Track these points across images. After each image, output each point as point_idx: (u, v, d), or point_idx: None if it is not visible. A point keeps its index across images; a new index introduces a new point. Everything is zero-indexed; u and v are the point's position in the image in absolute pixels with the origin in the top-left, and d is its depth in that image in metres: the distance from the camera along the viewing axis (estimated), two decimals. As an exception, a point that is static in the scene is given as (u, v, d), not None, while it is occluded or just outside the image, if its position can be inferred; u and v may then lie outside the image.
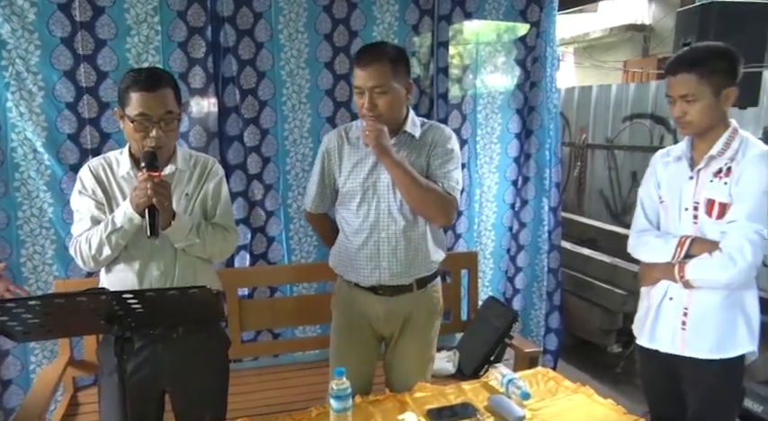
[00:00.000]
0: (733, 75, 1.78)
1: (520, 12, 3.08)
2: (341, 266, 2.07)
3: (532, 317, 3.40)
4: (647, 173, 2.04)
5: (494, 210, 3.22)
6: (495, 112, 3.15)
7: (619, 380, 3.66)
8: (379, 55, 1.85)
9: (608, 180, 5.30)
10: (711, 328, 1.82)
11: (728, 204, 1.77)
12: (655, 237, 1.94)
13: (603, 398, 1.96)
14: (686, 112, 1.79)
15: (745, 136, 1.83)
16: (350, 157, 1.97)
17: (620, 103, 5.26)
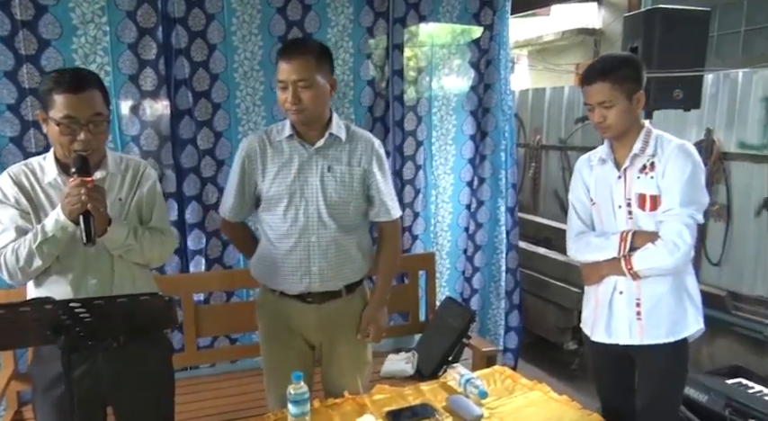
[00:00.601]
0: (640, 80, 1.93)
1: (473, 15, 3.12)
2: (265, 275, 1.99)
3: (490, 317, 3.45)
4: (574, 178, 2.15)
5: (450, 210, 3.25)
6: (450, 114, 3.18)
7: (575, 376, 3.74)
8: (304, 49, 1.82)
9: (562, 180, 5.40)
10: (665, 314, 1.94)
11: (658, 196, 1.89)
12: (594, 237, 2.04)
13: (559, 395, 2.00)
14: (605, 117, 1.90)
15: (659, 133, 1.97)
16: (274, 161, 1.90)
17: (572, 105, 5.37)
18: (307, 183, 1.88)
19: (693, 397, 2.68)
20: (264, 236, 1.97)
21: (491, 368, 2.24)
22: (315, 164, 1.89)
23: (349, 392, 1.95)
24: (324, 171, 1.89)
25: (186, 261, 2.71)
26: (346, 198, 1.93)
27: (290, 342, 2.00)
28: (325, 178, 1.89)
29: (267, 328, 2.05)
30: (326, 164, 1.90)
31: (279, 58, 1.82)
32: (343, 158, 1.92)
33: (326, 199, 1.89)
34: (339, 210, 1.92)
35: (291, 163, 1.89)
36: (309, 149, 1.89)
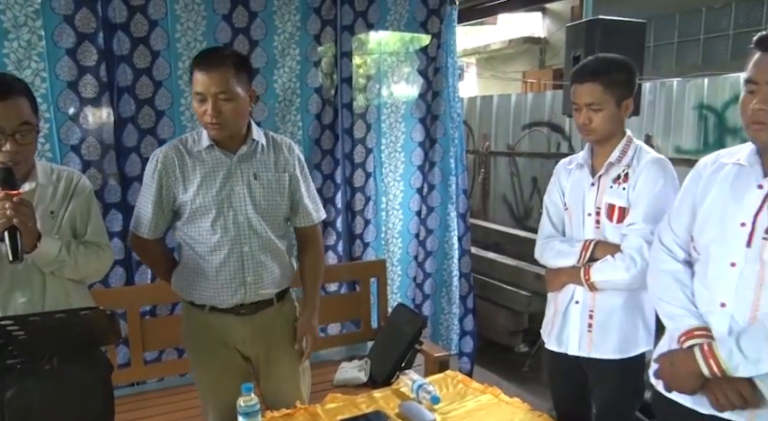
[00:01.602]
0: (631, 86, 1.88)
1: (421, 23, 3.15)
2: (193, 291, 1.90)
3: (442, 322, 3.47)
4: (552, 181, 2.11)
5: (400, 217, 3.27)
6: (399, 122, 3.20)
7: (526, 378, 3.80)
8: (222, 59, 1.75)
9: (510, 185, 5.51)
10: (615, 330, 1.90)
11: (627, 208, 1.85)
12: (560, 243, 2.00)
13: (510, 397, 2.02)
14: (591, 120, 1.85)
15: (639, 144, 1.92)
16: (196, 171, 1.82)
17: (519, 112, 5.49)
18: (233, 193, 1.83)
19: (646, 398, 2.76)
20: (189, 250, 1.88)
21: (443, 373, 2.25)
22: (240, 172, 1.84)
23: (293, 402, 1.92)
24: (250, 179, 1.85)
25: (131, 272, 2.63)
26: (275, 204, 1.89)
27: (226, 357, 1.93)
28: (252, 186, 1.85)
29: (198, 347, 1.95)
30: (252, 171, 1.85)
31: (194, 68, 1.75)
32: (268, 165, 1.89)
33: (256, 206, 1.85)
34: (269, 217, 1.88)
35: (215, 173, 1.82)
36: (233, 158, 1.84)
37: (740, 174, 1.41)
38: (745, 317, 1.34)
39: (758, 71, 1.31)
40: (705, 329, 1.39)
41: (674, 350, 1.44)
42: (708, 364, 1.33)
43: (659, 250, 1.56)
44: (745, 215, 1.35)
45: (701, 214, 1.47)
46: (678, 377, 1.39)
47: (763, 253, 1.32)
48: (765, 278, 1.32)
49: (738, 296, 1.35)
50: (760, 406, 1.31)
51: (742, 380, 1.31)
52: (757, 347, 1.28)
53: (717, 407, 1.35)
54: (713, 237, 1.42)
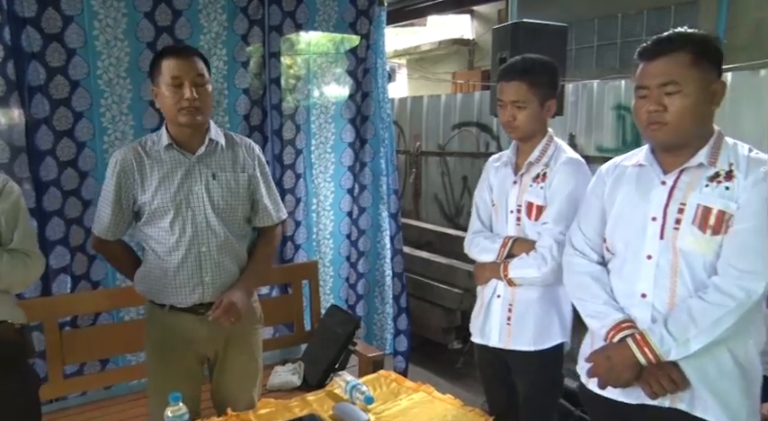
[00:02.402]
0: (555, 87, 1.97)
1: (350, 24, 3.15)
2: (154, 290, 1.91)
3: (376, 322, 3.48)
4: (481, 178, 2.18)
5: (331, 218, 3.25)
6: (328, 122, 3.19)
7: (461, 374, 3.87)
8: (191, 50, 1.84)
9: (441, 185, 5.60)
10: (531, 323, 1.98)
11: (544, 207, 1.93)
12: (484, 239, 2.07)
13: (443, 394, 2.05)
14: (515, 117, 1.92)
15: (560, 143, 2.00)
16: (154, 172, 1.84)
17: (449, 112, 5.58)
18: (192, 193, 1.84)
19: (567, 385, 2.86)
20: (150, 250, 1.90)
21: (377, 373, 2.26)
22: (198, 172, 1.86)
23: (244, 404, 1.93)
24: (209, 179, 1.86)
25: (48, 281, 2.50)
26: (234, 204, 1.91)
27: (179, 359, 1.93)
28: (211, 186, 1.86)
29: (155, 345, 1.97)
30: (210, 171, 1.87)
31: (164, 58, 1.79)
32: (226, 165, 1.90)
33: (214, 207, 1.86)
34: (228, 217, 1.89)
35: (174, 173, 1.84)
36: (191, 158, 1.85)
37: (642, 174, 1.52)
38: (665, 304, 1.43)
39: (646, 78, 1.42)
40: (630, 321, 1.47)
41: (606, 345, 1.48)
42: (643, 353, 1.40)
43: (573, 254, 1.64)
44: (655, 210, 1.45)
45: (612, 216, 1.56)
46: (615, 370, 1.43)
47: (676, 242, 1.41)
48: (679, 266, 1.42)
49: (657, 286, 1.44)
50: (685, 388, 1.40)
51: (671, 365, 1.39)
52: (684, 329, 1.36)
53: (651, 395, 1.41)
54: (628, 234, 1.51)
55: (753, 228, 1.35)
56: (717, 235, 1.38)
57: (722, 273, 1.37)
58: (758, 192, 1.36)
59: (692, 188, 1.42)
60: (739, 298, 1.33)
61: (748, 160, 1.40)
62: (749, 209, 1.36)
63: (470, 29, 10.45)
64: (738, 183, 1.38)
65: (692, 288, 1.40)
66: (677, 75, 1.37)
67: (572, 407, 2.76)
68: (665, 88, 1.38)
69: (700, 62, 1.37)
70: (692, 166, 1.43)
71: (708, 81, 1.39)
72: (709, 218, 1.38)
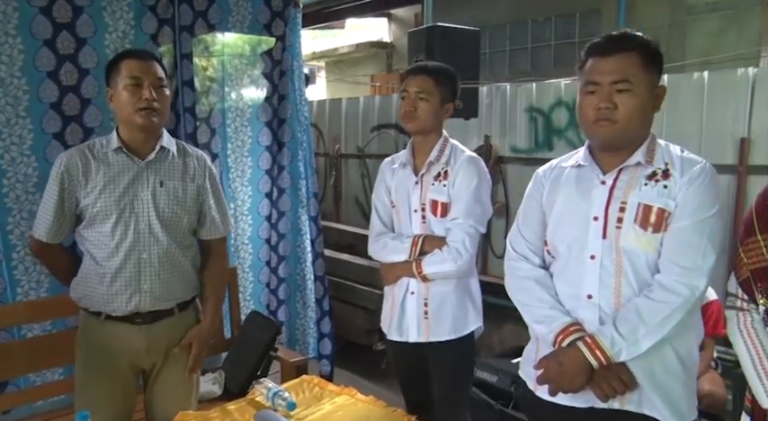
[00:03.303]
0: (454, 94, 2.09)
1: (264, 26, 3.10)
2: (88, 297, 1.86)
3: (299, 326, 3.44)
4: (377, 180, 2.24)
5: (249, 223, 3.19)
6: (244, 126, 3.12)
7: (385, 374, 3.87)
8: (152, 54, 1.89)
9: (362, 187, 5.61)
10: (448, 313, 2.07)
11: (448, 204, 2.02)
12: (391, 239, 2.13)
13: (366, 396, 2.06)
14: (416, 108, 2.01)
15: (455, 143, 2.11)
16: (99, 175, 1.81)
17: (367, 115, 5.61)
18: (137, 198, 1.81)
19: (485, 378, 2.94)
20: (88, 255, 1.84)
21: (299, 378, 2.24)
22: (146, 178, 1.83)
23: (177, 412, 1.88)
24: (156, 186, 1.83)
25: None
26: (179, 213, 1.87)
27: (112, 371, 1.87)
28: (157, 193, 1.83)
29: (87, 356, 1.90)
30: (158, 178, 1.84)
31: (124, 59, 1.81)
32: (176, 173, 1.88)
33: (159, 214, 1.83)
34: (172, 226, 1.86)
35: (120, 177, 1.81)
36: (140, 163, 1.82)
37: (581, 175, 1.53)
38: (611, 305, 1.44)
39: (596, 74, 1.43)
40: (578, 324, 1.46)
41: (556, 351, 1.46)
42: (594, 355, 1.38)
43: (515, 259, 1.63)
44: (597, 210, 1.47)
45: (553, 218, 1.56)
46: (567, 375, 1.41)
47: (619, 241, 1.43)
48: (623, 265, 1.43)
49: (602, 286, 1.45)
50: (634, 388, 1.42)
51: (621, 367, 1.40)
52: (634, 329, 1.37)
53: (602, 397, 1.41)
54: (570, 235, 1.51)
55: (692, 225, 1.38)
56: (658, 233, 1.41)
57: (665, 271, 1.40)
58: (695, 190, 1.39)
59: (632, 187, 1.44)
60: (684, 294, 1.36)
61: (682, 160, 1.44)
62: (687, 206, 1.39)
63: (388, 32, 10.55)
64: (675, 182, 1.41)
65: (637, 287, 1.42)
66: (630, 74, 1.39)
67: (492, 401, 2.84)
68: (617, 86, 1.39)
69: (648, 65, 1.41)
70: (630, 165, 1.46)
71: (653, 84, 1.43)
72: (649, 216, 1.41)
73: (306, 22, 4.87)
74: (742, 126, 3.40)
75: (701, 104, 3.53)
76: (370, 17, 10.24)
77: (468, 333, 2.11)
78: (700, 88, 3.54)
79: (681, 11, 5.55)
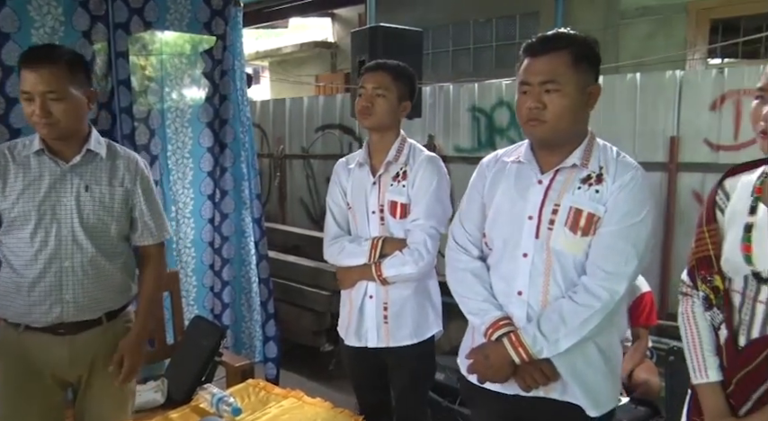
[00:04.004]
0: (411, 93, 2.05)
1: (204, 24, 3.04)
2: (6, 307, 1.76)
3: (244, 330, 3.39)
4: (332, 182, 2.18)
5: (192, 226, 3.12)
6: (185, 126, 3.05)
7: (333, 376, 3.88)
8: (53, 56, 1.66)
9: (306, 188, 5.58)
10: (409, 318, 2.03)
11: (408, 204, 1.98)
12: (349, 243, 2.06)
13: (313, 398, 2.05)
14: (373, 104, 1.97)
15: (413, 143, 2.07)
16: (18, 178, 1.71)
17: (312, 115, 5.58)
18: (59, 204, 1.71)
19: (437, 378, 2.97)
20: (6, 263, 1.74)
21: (245, 382, 2.21)
22: (69, 182, 1.73)
23: None
24: (80, 190, 1.73)
25: None
26: (106, 220, 1.78)
27: (34, 385, 1.76)
28: (82, 198, 1.73)
29: (7, 371, 1.79)
30: (83, 183, 1.74)
31: (21, 66, 1.67)
32: (102, 177, 1.77)
33: (83, 221, 1.73)
34: (98, 233, 1.76)
35: (41, 181, 1.71)
36: (63, 166, 1.72)
37: (521, 172, 1.57)
38: (539, 302, 1.49)
39: (528, 74, 1.47)
40: (508, 319, 1.51)
41: (485, 344, 1.53)
42: (517, 352, 1.45)
43: (455, 250, 1.66)
44: (532, 209, 1.51)
45: (491, 211, 1.59)
46: (492, 368, 1.49)
47: (549, 242, 1.48)
48: (552, 265, 1.48)
49: (532, 284, 1.50)
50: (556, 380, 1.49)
51: (544, 361, 1.46)
52: (555, 329, 1.43)
53: (525, 388, 1.49)
54: (505, 231, 1.55)
55: (618, 231, 1.43)
56: (586, 236, 1.45)
57: (590, 274, 1.45)
58: (624, 197, 1.44)
59: (566, 189, 1.48)
60: (604, 299, 1.42)
61: (616, 164, 1.48)
62: (615, 212, 1.44)
63: (332, 32, 10.51)
64: (607, 187, 1.46)
65: (564, 286, 1.48)
66: (558, 74, 1.42)
67: (440, 399, 2.87)
68: (546, 86, 1.43)
69: (579, 64, 1.43)
70: (566, 167, 1.49)
71: (585, 83, 1.45)
72: (579, 220, 1.45)
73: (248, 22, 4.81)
74: (671, 125, 3.57)
75: (635, 104, 3.68)
76: (313, 17, 10.18)
77: (428, 337, 2.07)
78: (633, 89, 3.69)
79: (614, 15, 5.75)
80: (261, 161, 5.82)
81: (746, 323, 1.28)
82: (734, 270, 1.30)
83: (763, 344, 1.25)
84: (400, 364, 2.09)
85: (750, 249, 1.26)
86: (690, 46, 5.26)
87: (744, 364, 1.28)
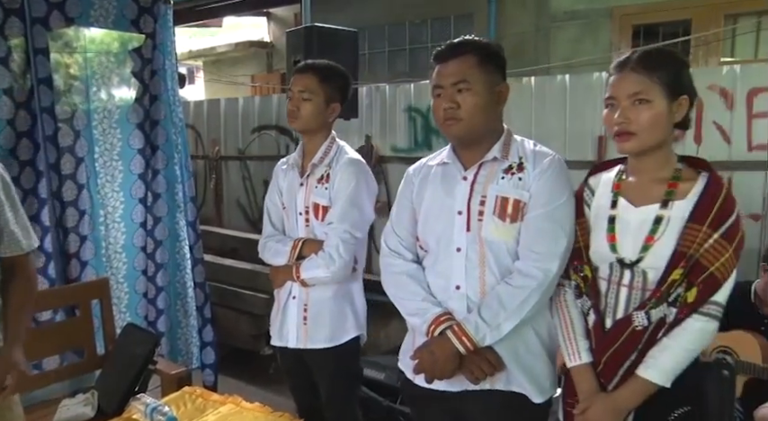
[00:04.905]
0: (344, 94, 2.06)
1: (132, 21, 2.93)
2: None
3: (180, 336, 3.30)
4: (271, 182, 2.19)
5: (122, 230, 3.01)
6: (113, 127, 2.94)
7: (273, 380, 3.82)
8: None
9: (243, 189, 5.48)
10: (326, 320, 2.04)
11: (329, 207, 2.00)
12: (275, 242, 2.09)
13: (252, 403, 2.01)
14: (299, 108, 1.98)
15: (342, 145, 2.09)
16: None
17: (247, 116, 5.48)
18: None
19: (372, 376, 2.98)
20: None
21: (181, 390, 2.15)
22: None
23: None
24: None
25: None
26: None
27: None
28: None
29: None
30: None
31: None
32: None
33: None
34: None
35: None
36: None
37: (446, 172, 1.63)
38: (477, 294, 1.54)
39: (441, 78, 1.55)
40: (449, 314, 1.55)
41: (428, 341, 1.54)
42: (461, 342, 1.48)
43: (389, 255, 1.70)
44: (460, 204, 1.56)
45: (422, 214, 1.64)
46: (439, 363, 1.50)
47: (481, 233, 1.53)
48: (486, 255, 1.54)
49: (468, 276, 1.55)
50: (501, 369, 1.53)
51: (488, 350, 1.50)
52: (495, 314, 1.48)
53: (473, 380, 1.51)
54: (438, 230, 1.60)
55: (544, 213, 1.50)
56: (515, 222, 1.52)
57: (522, 257, 1.52)
58: (546, 181, 1.52)
59: (491, 181, 1.55)
60: (539, 278, 1.48)
61: (535, 153, 1.57)
62: (540, 196, 1.52)
63: (268, 31, 10.37)
64: (529, 174, 1.53)
65: (499, 274, 1.53)
66: (467, 74, 1.50)
67: (380, 398, 2.88)
68: (458, 86, 1.51)
69: (486, 65, 1.53)
70: (488, 160, 1.56)
71: (493, 83, 1.54)
72: (507, 207, 1.52)
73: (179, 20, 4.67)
74: (599, 125, 3.70)
75: (565, 105, 3.80)
76: (248, 16, 10.01)
77: (347, 340, 2.07)
78: (563, 90, 3.80)
79: (545, 18, 5.92)
80: (195, 163, 5.67)
81: (612, 306, 1.43)
82: (601, 259, 1.45)
83: (625, 324, 1.40)
84: (320, 367, 2.10)
85: (615, 239, 1.43)
86: (614, 49, 5.48)
87: (610, 344, 1.42)
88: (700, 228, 1.33)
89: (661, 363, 1.36)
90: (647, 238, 1.38)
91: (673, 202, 1.38)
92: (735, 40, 4.94)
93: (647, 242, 1.38)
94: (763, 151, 3.23)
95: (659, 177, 1.42)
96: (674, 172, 1.41)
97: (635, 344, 1.39)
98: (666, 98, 1.36)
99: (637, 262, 1.39)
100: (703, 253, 1.33)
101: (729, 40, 4.82)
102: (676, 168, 1.42)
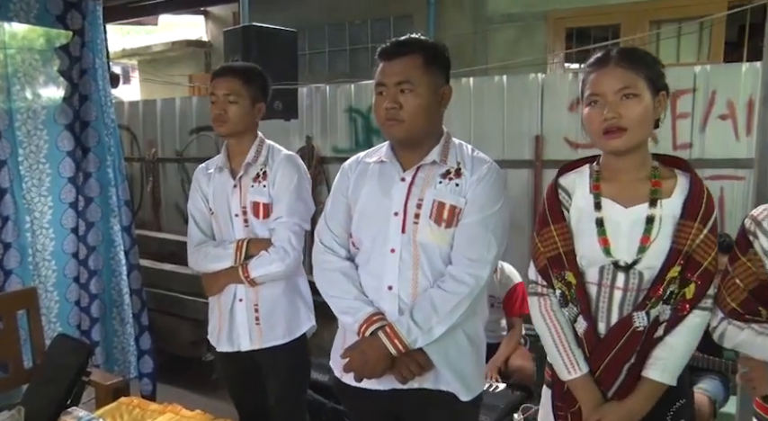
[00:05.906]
0: (264, 94, 2.05)
1: (57, 17, 2.80)
2: None
3: (116, 345, 3.18)
4: (192, 188, 2.17)
5: (51, 236, 2.87)
6: (39, 129, 2.80)
7: (216, 386, 3.72)
8: None
9: (182, 192, 5.36)
10: (280, 316, 2.04)
11: (270, 204, 1.99)
12: (213, 248, 2.05)
13: (192, 411, 1.96)
14: (226, 111, 1.95)
15: (271, 143, 2.09)
16: None
17: (185, 117, 5.37)
18: None
19: (317, 378, 2.95)
20: None
21: (117, 402, 2.08)
22: None
23: None
24: None
25: None
26: None
27: None
28: None
29: None
30: None
31: None
32: None
33: None
34: None
35: None
36: None
37: (384, 171, 1.61)
38: (409, 295, 1.54)
39: (385, 76, 1.53)
40: (380, 314, 1.54)
41: (360, 340, 1.54)
42: (393, 344, 1.48)
43: (323, 252, 1.67)
44: (397, 205, 1.56)
45: (357, 212, 1.62)
46: (369, 363, 1.49)
47: (416, 236, 1.53)
48: (419, 258, 1.54)
49: (401, 278, 1.54)
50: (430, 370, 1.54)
51: (418, 352, 1.50)
52: (427, 317, 1.48)
53: (402, 380, 1.51)
54: (373, 229, 1.59)
55: (479, 220, 1.51)
56: (450, 227, 1.53)
57: (455, 263, 1.53)
58: (482, 189, 1.53)
59: (428, 184, 1.55)
60: (471, 284, 1.49)
61: (473, 160, 1.57)
62: (475, 203, 1.52)
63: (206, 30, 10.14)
64: (466, 181, 1.54)
65: (432, 278, 1.53)
66: (412, 76, 1.49)
67: (324, 400, 2.86)
68: (401, 86, 1.49)
69: (430, 66, 1.51)
70: (426, 164, 1.56)
71: (437, 84, 1.53)
72: (443, 212, 1.52)
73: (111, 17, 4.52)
74: (536, 125, 3.81)
75: (503, 105, 3.89)
76: (185, 14, 9.77)
77: (301, 334, 2.09)
78: (500, 91, 3.89)
79: (482, 20, 6.04)
80: (131, 165, 5.51)
81: (604, 310, 1.41)
82: (590, 263, 1.42)
83: (625, 326, 1.38)
84: (275, 364, 2.09)
85: (607, 242, 1.39)
86: (549, 51, 5.65)
87: (608, 349, 1.39)
88: (692, 225, 1.33)
89: (671, 364, 1.36)
90: (642, 239, 1.36)
91: (661, 201, 1.36)
92: (659, 44, 5.17)
93: (643, 243, 1.35)
94: (686, 150, 3.40)
95: (640, 176, 1.40)
96: (651, 170, 1.40)
97: (634, 346, 1.37)
98: (651, 93, 1.36)
99: (633, 263, 1.36)
100: (696, 248, 1.33)
101: (654, 44, 5.04)
102: (653, 166, 1.41)
